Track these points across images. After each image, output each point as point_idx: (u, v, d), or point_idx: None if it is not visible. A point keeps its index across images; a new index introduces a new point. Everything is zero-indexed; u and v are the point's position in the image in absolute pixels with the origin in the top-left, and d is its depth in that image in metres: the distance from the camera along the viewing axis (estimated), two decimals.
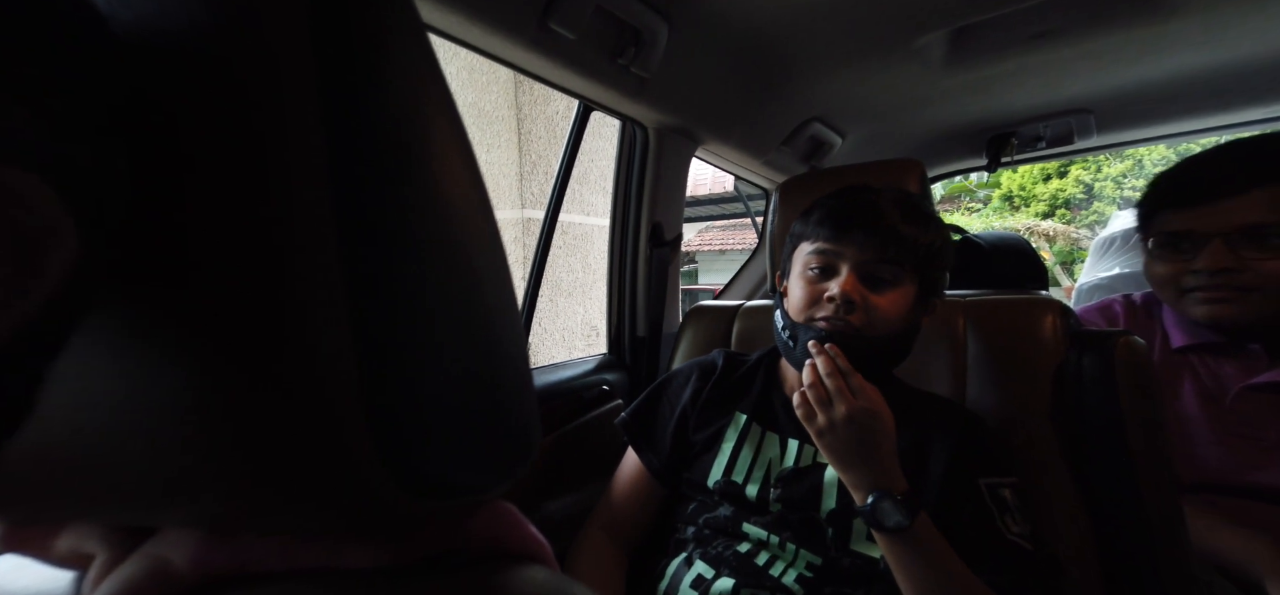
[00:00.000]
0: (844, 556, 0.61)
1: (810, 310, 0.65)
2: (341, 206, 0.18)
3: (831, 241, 0.65)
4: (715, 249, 9.16)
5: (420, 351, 0.20)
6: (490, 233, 0.24)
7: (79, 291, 0.15)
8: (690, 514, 0.71)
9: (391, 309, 0.19)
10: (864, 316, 0.62)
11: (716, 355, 0.82)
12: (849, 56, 0.97)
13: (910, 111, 1.24)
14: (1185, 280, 0.78)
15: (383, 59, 0.20)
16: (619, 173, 1.13)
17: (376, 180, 0.20)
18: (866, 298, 0.62)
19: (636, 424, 0.80)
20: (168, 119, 0.17)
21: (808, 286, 0.66)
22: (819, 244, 0.66)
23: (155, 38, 0.17)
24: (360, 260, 0.19)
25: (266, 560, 0.22)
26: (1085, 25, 0.86)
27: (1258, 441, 0.74)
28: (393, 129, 0.20)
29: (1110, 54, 0.97)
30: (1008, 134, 1.33)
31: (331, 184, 0.18)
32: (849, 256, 0.64)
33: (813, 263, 0.66)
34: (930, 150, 1.45)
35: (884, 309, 0.62)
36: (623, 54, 0.82)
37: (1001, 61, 0.99)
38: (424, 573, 0.23)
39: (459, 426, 0.22)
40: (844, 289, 0.62)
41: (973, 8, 0.81)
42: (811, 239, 0.67)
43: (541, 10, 0.70)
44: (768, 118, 1.17)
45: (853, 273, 0.63)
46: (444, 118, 0.22)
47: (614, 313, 1.17)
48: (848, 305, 0.61)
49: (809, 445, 0.68)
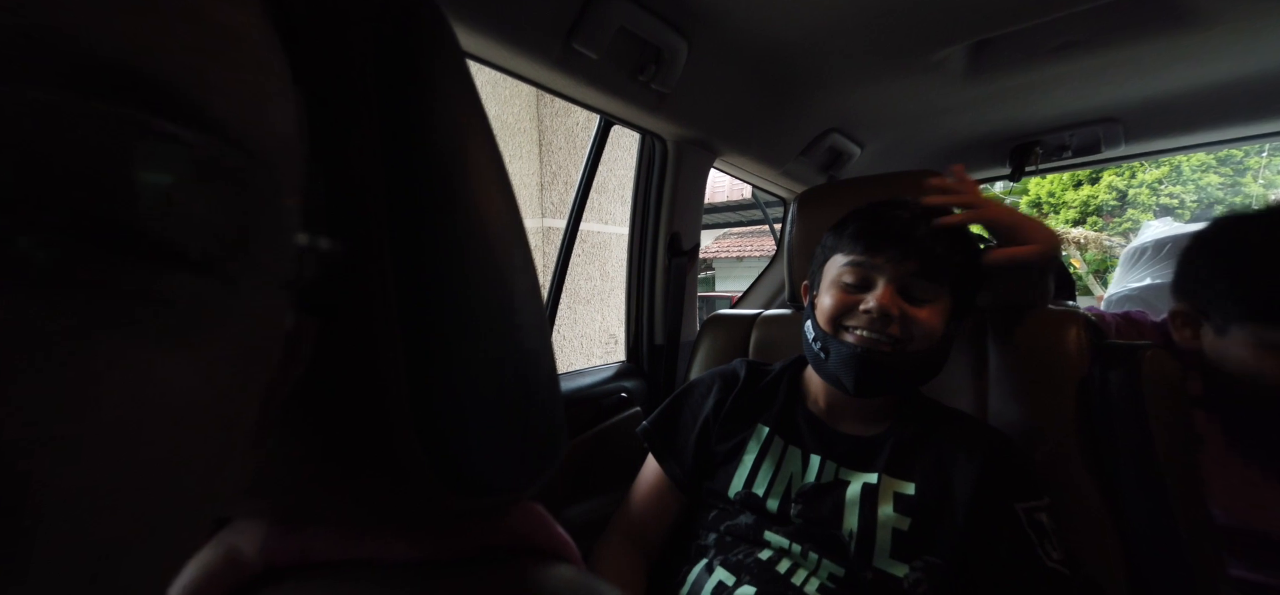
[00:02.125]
0: (866, 572, 0.61)
1: (843, 319, 0.65)
2: (394, 232, 0.21)
3: (868, 255, 0.64)
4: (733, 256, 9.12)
5: (462, 365, 0.23)
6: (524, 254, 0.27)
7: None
8: (711, 521, 0.72)
9: (436, 327, 0.22)
10: (901, 330, 0.61)
11: (738, 365, 0.81)
12: (868, 69, 0.98)
13: (930, 122, 1.24)
14: None
15: (431, 98, 0.22)
16: (638, 183, 1.15)
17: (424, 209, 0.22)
18: (905, 311, 0.61)
19: (658, 433, 0.80)
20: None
21: (841, 297, 0.65)
22: (854, 257, 0.65)
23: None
24: (409, 281, 0.21)
25: (324, 551, 0.25)
26: (1111, 36, 0.86)
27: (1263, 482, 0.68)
28: (438, 163, 0.22)
29: (1137, 63, 0.96)
30: (1032, 143, 1.31)
31: (387, 212, 0.21)
32: (886, 271, 0.63)
33: (847, 276, 0.65)
34: (951, 160, 1.44)
35: (922, 322, 0.61)
36: (643, 71, 0.85)
37: (1025, 72, 0.98)
38: (463, 567, 0.25)
39: (495, 432, 0.24)
40: (881, 302, 0.61)
41: (994, 22, 0.82)
42: (846, 251, 0.67)
43: (566, 32, 0.73)
44: (786, 129, 1.18)
45: (890, 286, 0.62)
46: (484, 151, 0.25)
47: (633, 321, 1.19)
48: (886, 319, 0.61)
49: (830, 461, 0.68)
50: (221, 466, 0.15)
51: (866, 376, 0.62)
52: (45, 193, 0.10)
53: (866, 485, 0.64)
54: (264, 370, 0.16)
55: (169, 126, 0.11)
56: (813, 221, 0.90)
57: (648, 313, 1.17)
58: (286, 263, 0.15)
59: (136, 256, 0.11)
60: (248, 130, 0.14)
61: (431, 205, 0.22)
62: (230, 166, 0.13)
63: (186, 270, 0.12)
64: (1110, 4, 0.75)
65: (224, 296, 0.13)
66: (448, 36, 0.24)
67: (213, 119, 0.12)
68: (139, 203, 0.11)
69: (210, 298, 0.13)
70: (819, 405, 0.72)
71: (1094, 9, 0.76)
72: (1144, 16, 0.80)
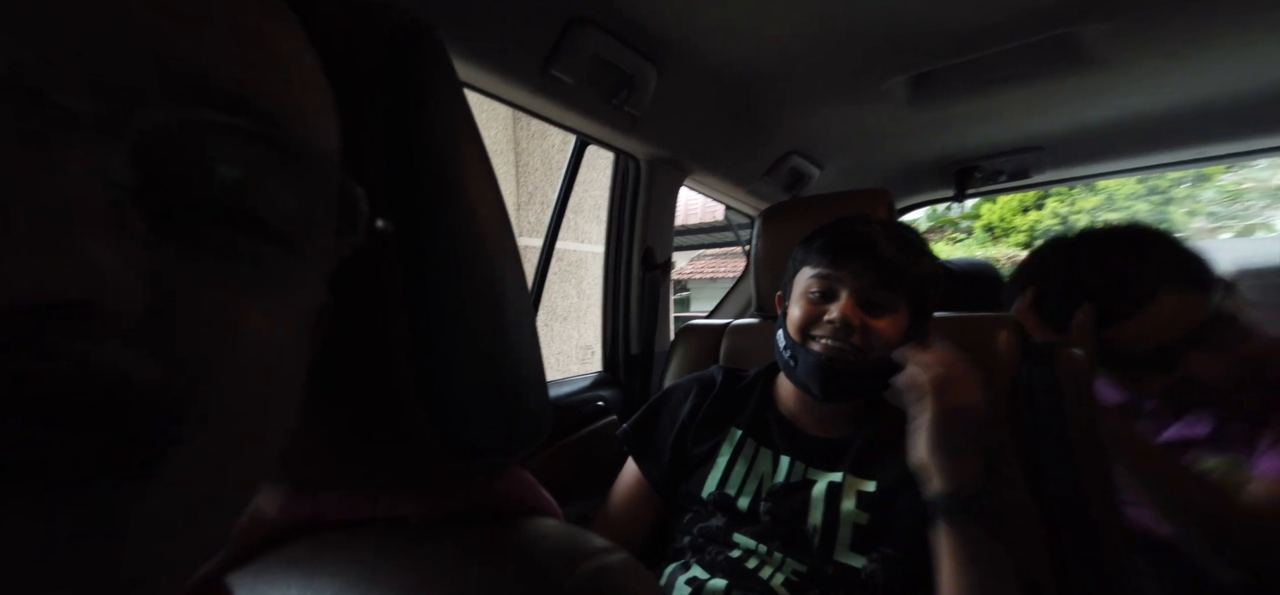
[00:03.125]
0: (827, 565, 0.65)
1: (809, 329, 0.69)
2: (398, 227, 0.25)
3: (831, 267, 0.69)
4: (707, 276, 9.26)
5: (458, 344, 0.27)
6: (511, 249, 0.31)
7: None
8: (686, 524, 0.75)
9: (437, 310, 0.26)
10: (862, 339, 0.66)
11: (716, 371, 0.85)
12: (822, 96, 1.07)
13: (881, 146, 1.34)
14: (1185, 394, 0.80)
15: (429, 110, 0.26)
16: (613, 200, 1.20)
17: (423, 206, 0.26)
18: (865, 321, 0.66)
19: (637, 436, 0.83)
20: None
21: (808, 308, 0.70)
22: (819, 269, 0.70)
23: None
24: (412, 270, 0.25)
25: (338, 512, 0.28)
26: (1030, 74, 0.96)
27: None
28: (436, 166, 0.27)
29: (1055, 98, 1.08)
30: (973, 167, 1.44)
31: (392, 211, 0.25)
32: (848, 283, 0.67)
33: (813, 287, 0.70)
34: (901, 181, 1.56)
35: (881, 332, 0.66)
36: (616, 95, 0.91)
37: (962, 103, 1.09)
38: (460, 522, 0.29)
39: (488, 403, 0.28)
40: (843, 312, 0.66)
41: (930, 57, 0.91)
42: (813, 264, 0.71)
43: (544, 59, 0.79)
44: (750, 151, 1.26)
45: (851, 297, 0.67)
46: (475, 157, 0.29)
47: (609, 332, 1.23)
48: (848, 328, 0.66)
49: (800, 462, 0.72)
50: (288, 408, 0.18)
51: (831, 382, 0.67)
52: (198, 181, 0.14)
53: (831, 484, 0.68)
54: (310, 336, 0.20)
55: (266, 133, 0.15)
56: (777, 236, 0.96)
57: (623, 324, 1.21)
58: (330, 245, 0.19)
59: (241, 228, 0.15)
60: (309, 138, 0.18)
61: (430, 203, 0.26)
62: (300, 165, 0.16)
63: (272, 241, 0.16)
64: (1026, 46, 0.86)
65: (294, 264, 0.17)
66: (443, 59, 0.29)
67: (291, 129, 0.16)
68: (245, 188, 0.15)
69: (285, 264, 0.17)
70: (789, 409, 0.77)
71: (1014, 49, 0.87)
72: (1054, 58, 0.91)
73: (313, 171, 0.17)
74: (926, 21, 0.81)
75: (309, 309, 0.19)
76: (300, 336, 0.18)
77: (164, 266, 0.13)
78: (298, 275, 0.18)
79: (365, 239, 0.18)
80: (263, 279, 0.16)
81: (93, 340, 0.11)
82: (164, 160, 0.13)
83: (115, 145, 0.12)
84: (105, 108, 0.12)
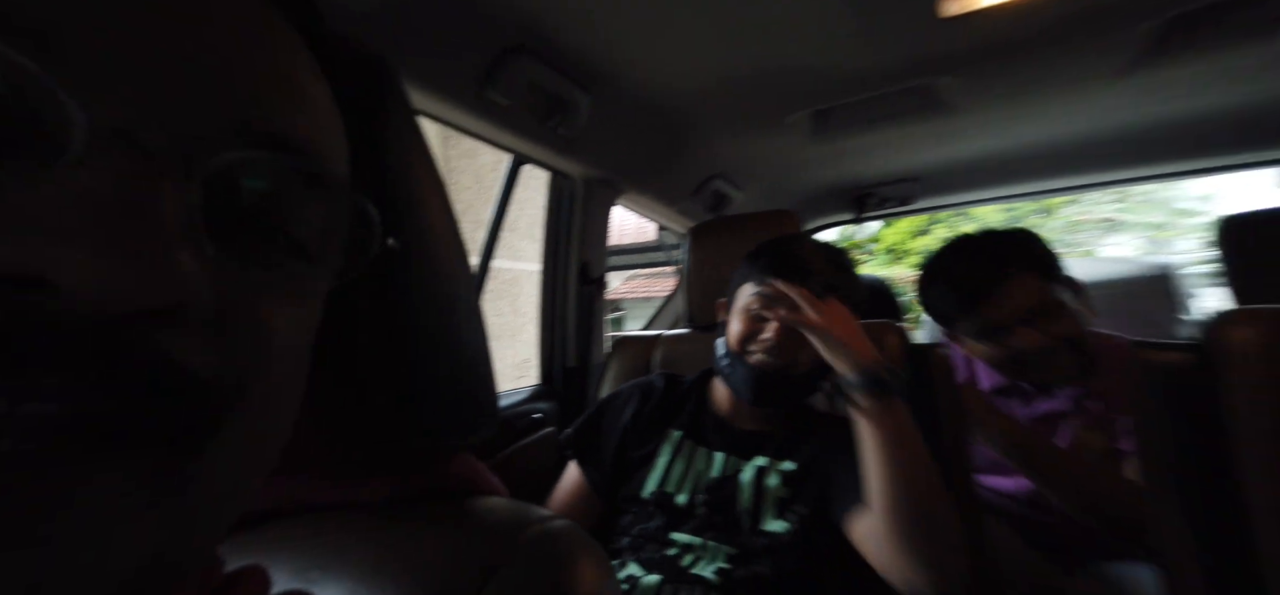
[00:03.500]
0: (758, 538, 0.72)
1: (747, 344, 0.75)
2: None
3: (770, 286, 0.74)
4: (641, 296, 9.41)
5: (417, 340, 0.30)
6: (463, 259, 0.35)
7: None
8: (625, 525, 0.79)
9: (401, 312, 0.29)
10: (791, 358, 0.72)
11: (657, 378, 0.91)
12: (738, 126, 1.18)
13: (791, 172, 1.50)
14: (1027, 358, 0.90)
15: (386, 132, 0.30)
16: (550, 218, 1.24)
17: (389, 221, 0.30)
18: (795, 344, 0.72)
19: (580, 441, 0.86)
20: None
21: (748, 323, 0.75)
22: (761, 287, 0.75)
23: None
24: (380, 279, 0.28)
25: (312, 495, 0.30)
26: (903, 116, 1.14)
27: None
28: (397, 185, 0.30)
29: (924, 138, 1.28)
30: (866, 193, 1.64)
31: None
32: (784, 302, 0.72)
33: (753, 304, 0.75)
34: (810, 203, 1.74)
35: (809, 349, 0.71)
36: (551, 118, 0.95)
37: (854, 137, 1.25)
38: (420, 501, 0.32)
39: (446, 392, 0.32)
40: (775, 338, 0.72)
41: (824, 97, 1.06)
42: (755, 281, 0.76)
43: (479, 82, 0.82)
44: (677, 173, 1.35)
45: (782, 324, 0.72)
46: (430, 176, 0.33)
47: (546, 346, 1.26)
48: (779, 348, 0.72)
49: (733, 456, 0.79)
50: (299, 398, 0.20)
51: (763, 392, 0.75)
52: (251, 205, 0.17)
53: (758, 467, 0.76)
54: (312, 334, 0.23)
55: (301, 166, 0.18)
56: (704, 252, 1.05)
57: (560, 337, 1.24)
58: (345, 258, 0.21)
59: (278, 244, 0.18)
60: (331, 165, 0.21)
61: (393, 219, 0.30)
62: (323, 189, 0.19)
63: (300, 255, 0.19)
64: (899, 91, 1.02)
65: (315, 274, 0.20)
66: (399, 87, 0.32)
67: (320, 159, 0.19)
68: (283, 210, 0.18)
69: (308, 274, 0.19)
70: (724, 409, 0.84)
71: (887, 93, 1.03)
72: (919, 104, 1.08)
73: (333, 195, 0.20)
74: (821, 66, 0.94)
75: (318, 312, 0.22)
76: (310, 337, 0.21)
77: (225, 278, 0.16)
78: (317, 284, 0.21)
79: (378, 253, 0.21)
80: (292, 287, 0.19)
81: (176, 338, 0.14)
82: (228, 189, 0.16)
83: (196, 179, 0.15)
84: (191, 150, 0.15)
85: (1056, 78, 0.99)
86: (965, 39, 0.85)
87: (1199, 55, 0.90)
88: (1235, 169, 1.32)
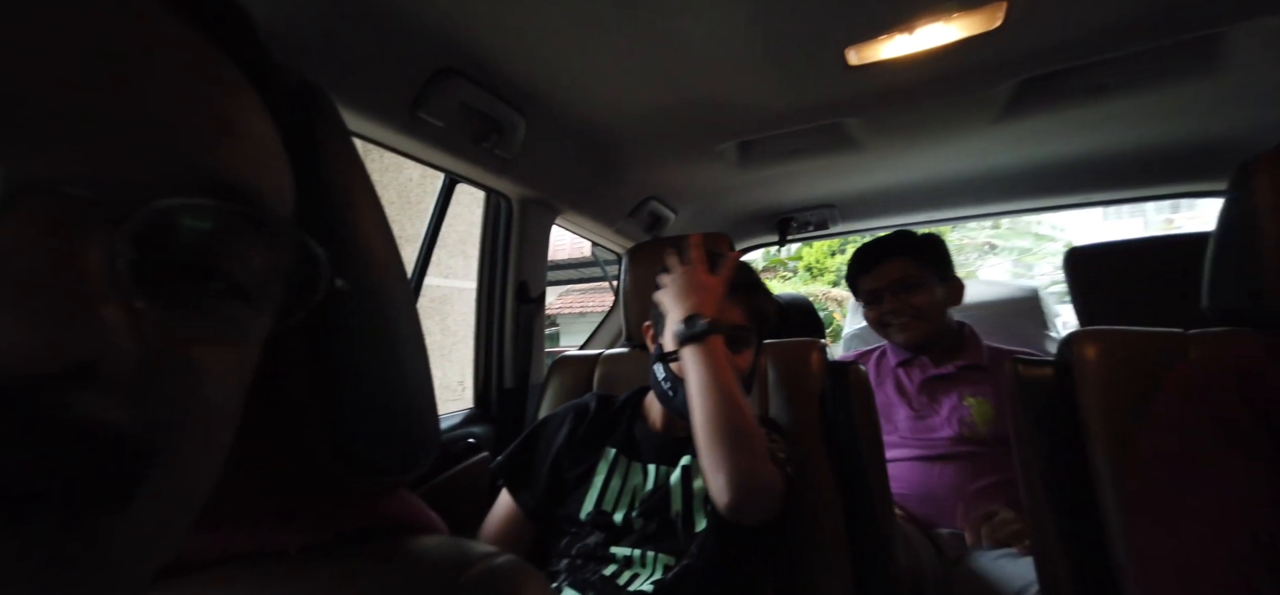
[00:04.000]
0: (691, 541, 0.74)
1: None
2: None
3: None
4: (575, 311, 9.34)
5: (355, 371, 0.29)
6: (403, 285, 0.34)
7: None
8: (563, 547, 0.78)
9: (338, 343, 0.29)
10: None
11: (590, 398, 0.92)
12: (670, 152, 1.24)
13: (721, 197, 1.59)
14: (885, 318, 1.23)
15: (320, 157, 0.30)
16: (485, 236, 1.22)
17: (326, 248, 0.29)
18: (730, 358, 0.76)
19: (512, 467, 0.85)
20: None
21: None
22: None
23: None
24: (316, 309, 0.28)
25: (239, 543, 0.28)
26: (821, 149, 1.25)
27: (924, 410, 1.18)
28: (335, 213, 0.30)
29: (838, 169, 1.41)
30: (790, 218, 1.77)
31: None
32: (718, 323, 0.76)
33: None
34: (739, 226, 1.85)
35: (740, 365, 0.78)
36: (486, 139, 0.95)
37: (778, 166, 1.35)
38: (348, 543, 0.31)
39: (382, 426, 0.31)
40: None
41: (748, 130, 1.14)
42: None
43: (411, 103, 0.80)
44: (613, 194, 1.38)
45: (720, 337, 0.75)
46: (369, 202, 0.33)
47: (481, 368, 1.22)
48: None
49: (664, 466, 0.81)
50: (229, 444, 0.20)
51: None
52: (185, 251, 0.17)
53: (684, 468, 0.79)
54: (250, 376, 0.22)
55: (247, 210, 0.18)
56: (641, 271, 1.08)
57: (497, 359, 1.22)
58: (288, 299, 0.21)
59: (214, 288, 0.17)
60: (279, 205, 0.20)
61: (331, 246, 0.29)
62: (268, 231, 0.19)
63: (239, 297, 0.18)
64: (813, 128, 1.12)
65: (255, 317, 0.19)
66: (335, 115, 0.32)
67: (264, 201, 0.19)
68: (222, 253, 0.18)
69: (248, 317, 0.19)
70: (656, 424, 0.86)
71: (805, 129, 1.13)
72: (831, 140, 1.20)
73: (276, 235, 0.19)
74: (745, 102, 1.02)
75: (257, 354, 0.21)
76: (247, 380, 0.21)
77: (153, 328, 0.15)
78: (258, 327, 0.20)
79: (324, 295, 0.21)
80: (230, 332, 0.18)
81: (93, 396, 0.13)
82: (164, 236, 0.16)
83: (128, 229, 0.14)
84: (124, 198, 0.15)
85: (944, 124, 1.14)
86: (869, 85, 0.95)
87: (1042, 113, 1.08)
88: (1076, 206, 1.61)
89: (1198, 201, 1.51)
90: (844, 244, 8.14)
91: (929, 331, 1.19)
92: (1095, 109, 1.07)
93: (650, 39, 0.80)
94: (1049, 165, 1.38)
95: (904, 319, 1.19)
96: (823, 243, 8.21)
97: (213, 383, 0.17)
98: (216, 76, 0.18)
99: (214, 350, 0.17)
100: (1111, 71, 0.94)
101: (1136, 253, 1.04)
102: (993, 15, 0.76)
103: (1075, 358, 0.71)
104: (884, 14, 0.76)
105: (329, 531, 0.30)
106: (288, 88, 0.29)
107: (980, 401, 1.13)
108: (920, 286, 1.19)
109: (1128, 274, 1.02)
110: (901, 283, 1.19)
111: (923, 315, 1.18)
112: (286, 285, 0.20)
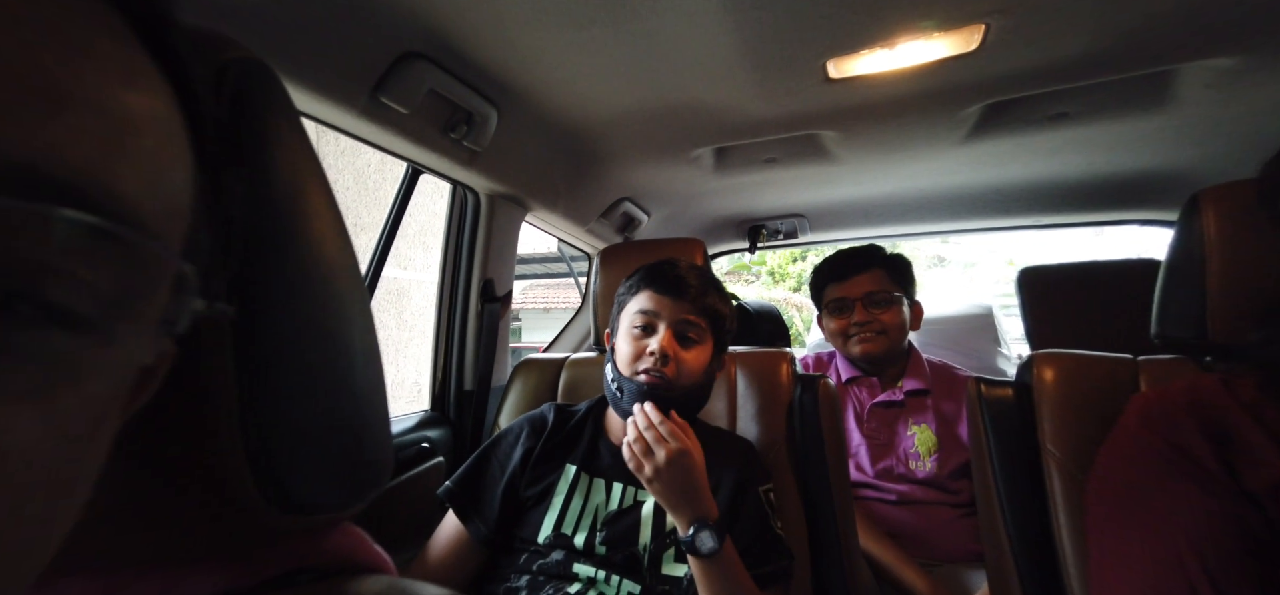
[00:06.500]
0: (658, 584, 0.71)
1: (635, 365, 0.76)
2: (232, 267, 0.23)
3: (652, 302, 0.78)
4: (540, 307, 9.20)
5: (298, 393, 0.25)
6: (359, 292, 0.30)
7: None
8: (522, 564, 0.74)
9: (272, 353, 0.24)
10: (676, 369, 0.75)
11: (547, 410, 0.87)
12: (646, 154, 1.22)
13: (695, 201, 1.58)
14: (849, 330, 1.23)
15: (267, 146, 0.26)
16: (449, 231, 1.16)
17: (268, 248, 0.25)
18: (678, 354, 0.76)
19: (462, 492, 0.80)
20: None
21: (633, 343, 0.77)
22: (642, 304, 0.79)
23: None
24: (246, 313, 0.23)
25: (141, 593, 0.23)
26: (794, 160, 1.26)
27: (877, 440, 1.18)
28: (277, 205, 0.26)
29: (808, 180, 1.43)
30: (760, 225, 1.79)
31: (225, 252, 0.23)
32: (665, 315, 0.77)
33: (637, 321, 0.78)
34: (711, 232, 1.85)
35: (690, 363, 0.76)
36: (455, 129, 0.89)
37: (751, 174, 1.35)
38: (281, 586, 0.26)
39: (325, 453, 0.27)
40: (662, 345, 0.75)
41: (723, 137, 1.13)
42: (637, 301, 0.80)
43: (373, 86, 0.74)
44: (587, 194, 1.35)
45: (670, 329, 0.76)
46: (321, 196, 0.28)
47: (439, 368, 1.16)
48: (664, 358, 0.74)
49: (631, 486, 0.78)
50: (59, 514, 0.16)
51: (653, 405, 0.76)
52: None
53: (658, 504, 0.75)
54: (120, 410, 0.18)
55: (67, 213, 0.13)
56: (613, 273, 1.05)
57: (457, 358, 1.16)
58: (165, 307, 0.17)
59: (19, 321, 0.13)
60: (143, 202, 0.16)
61: (273, 246, 0.25)
62: (121, 238, 0.15)
63: (68, 328, 0.14)
64: (788, 138, 1.13)
65: (97, 350, 0.15)
66: (282, 95, 0.28)
67: (113, 200, 0.15)
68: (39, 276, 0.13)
69: (84, 351, 0.15)
70: (619, 437, 0.82)
71: (779, 139, 1.13)
72: (805, 151, 1.21)
73: (136, 250, 0.16)
74: (723, 109, 1.00)
75: (117, 388, 0.17)
76: (100, 422, 0.16)
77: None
78: (102, 360, 0.16)
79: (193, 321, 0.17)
80: (46, 376, 0.14)
81: None
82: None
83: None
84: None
85: (915, 141, 1.17)
86: (847, 98, 0.96)
87: (1006, 136, 1.13)
88: (1032, 228, 1.70)
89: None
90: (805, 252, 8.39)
91: (888, 350, 1.21)
92: (1055, 136, 1.12)
93: (631, 36, 0.77)
94: (1009, 187, 1.44)
95: (870, 333, 1.20)
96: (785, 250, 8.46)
97: (17, 444, 0.13)
98: (52, 25, 0.14)
99: (17, 405, 0.13)
100: (1073, 101, 0.98)
101: (1087, 276, 1.09)
102: (971, 37, 0.78)
103: (1034, 380, 0.73)
104: (867, 27, 0.76)
105: (249, 576, 0.26)
106: (216, 60, 0.24)
107: (923, 429, 1.16)
108: (891, 303, 1.20)
109: (1078, 296, 1.07)
110: (874, 296, 1.20)
111: (887, 332, 1.20)
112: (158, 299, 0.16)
